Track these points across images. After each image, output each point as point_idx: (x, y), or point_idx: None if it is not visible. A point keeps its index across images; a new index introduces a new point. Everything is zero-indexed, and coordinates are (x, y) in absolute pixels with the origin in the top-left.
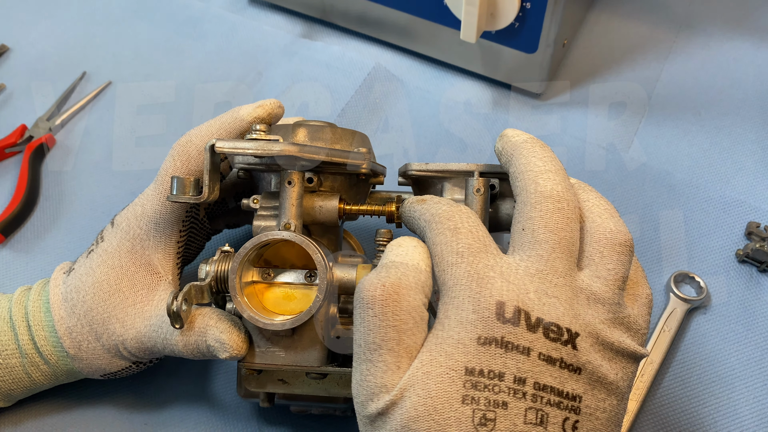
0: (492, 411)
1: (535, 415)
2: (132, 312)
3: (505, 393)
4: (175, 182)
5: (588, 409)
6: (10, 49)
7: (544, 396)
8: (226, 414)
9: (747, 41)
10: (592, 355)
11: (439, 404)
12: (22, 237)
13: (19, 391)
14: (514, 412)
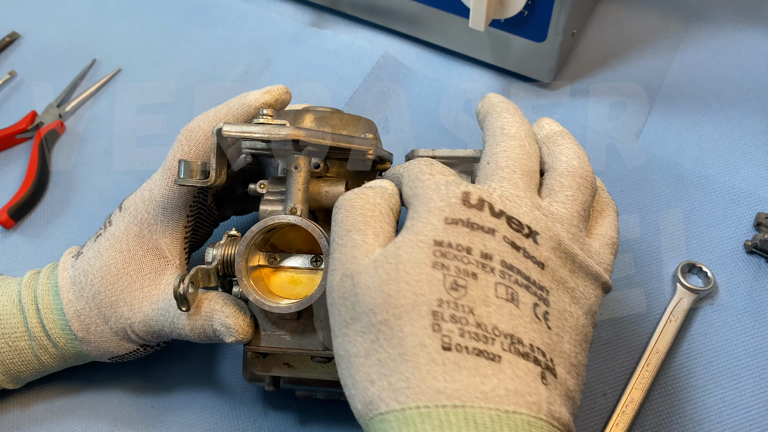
0: (463, 279)
1: (505, 291)
2: (139, 295)
3: (473, 265)
4: (182, 166)
5: (556, 306)
6: (21, 36)
7: (511, 275)
8: (232, 398)
9: (758, 31)
10: (552, 256)
11: (410, 268)
12: (31, 222)
13: (28, 373)
14: (484, 284)
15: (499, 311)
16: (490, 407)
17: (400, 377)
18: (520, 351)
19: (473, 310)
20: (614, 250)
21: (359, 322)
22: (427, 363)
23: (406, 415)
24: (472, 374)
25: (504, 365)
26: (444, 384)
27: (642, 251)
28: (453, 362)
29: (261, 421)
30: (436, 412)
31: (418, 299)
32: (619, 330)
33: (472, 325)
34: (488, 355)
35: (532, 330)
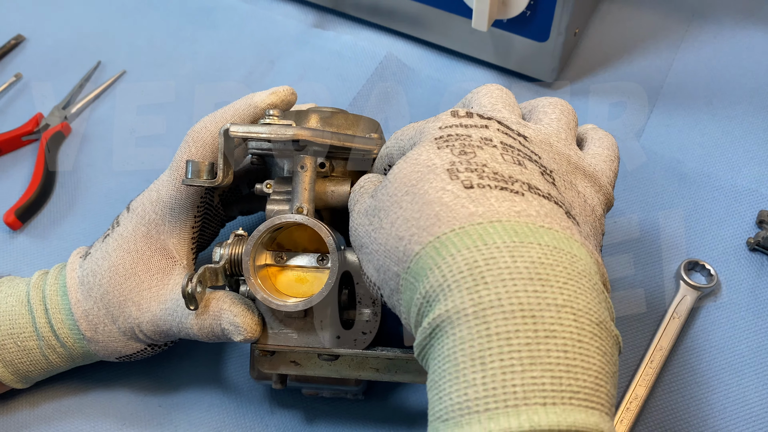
0: (469, 149)
1: (511, 158)
2: (147, 296)
3: (476, 142)
4: (190, 166)
5: (561, 180)
6: (27, 39)
7: (513, 150)
8: (239, 396)
9: (759, 30)
10: (545, 154)
11: (417, 155)
12: (38, 223)
13: (37, 373)
14: (490, 151)
15: (511, 168)
16: (527, 222)
17: (428, 217)
18: (541, 193)
19: (486, 165)
20: (613, 167)
21: (381, 213)
22: (453, 199)
23: (442, 240)
24: (500, 200)
25: (528, 198)
26: (475, 208)
27: (645, 249)
28: (479, 194)
29: (268, 419)
30: (473, 230)
31: (430, 168)
32: (623, 327)
33: (489, 172)
34: (512, 191)
35: (545, 184)
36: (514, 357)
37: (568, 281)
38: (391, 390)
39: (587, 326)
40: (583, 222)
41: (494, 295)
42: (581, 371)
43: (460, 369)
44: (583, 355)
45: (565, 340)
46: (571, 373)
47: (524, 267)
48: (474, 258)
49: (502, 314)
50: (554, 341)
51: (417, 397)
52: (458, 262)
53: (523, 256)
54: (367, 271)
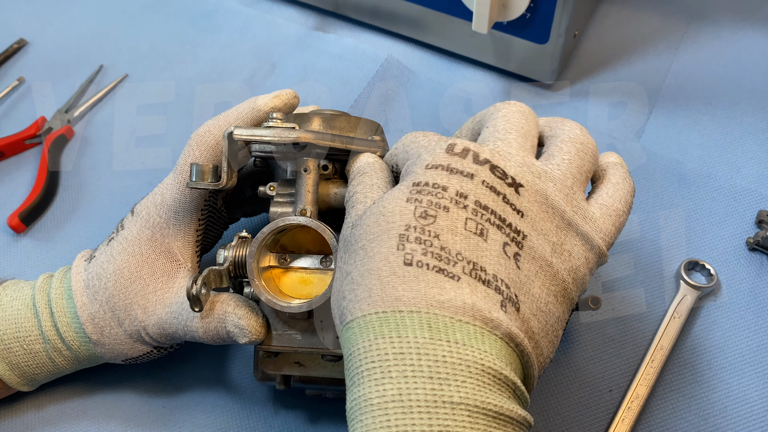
0: (433, 210)
1: (474, 226)
2: (153, 299)
3: (446, 200)
4: (194, 169)
5: (531, 251)
6: (29, 43)
7: (484, 214)
8: (243, 397)
9: (758, 31)
10: (535, 208)
11: (387, 203)
12: (42, 226)
13: (43, 375)
14: (455, 216)
15: (465, 241)
16: (445, 315)
17: (365, 289)
18: (482, 277)
19: (439, 236)
20: (617, 223)
21: (347, 254)
22: (388, 275)
23: (366, 320)
24: (430, 286)
25: (463, 284)
26: (402, 293)
27: (645, 249)
28: (413, 275)
29: (272, 420)
30: (393, 317)
31: (389, 225)
32: (623, 327)
33: (435, 248)
34: (448, 273)
35: (497, 263)
36: None
37: (467, 379)
38: None
39: (481, 421)
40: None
41: (396, 390)
42: None
43: None
44: None
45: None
46: None
47: (427, 366)
48: (386, 350)
49: (401, 409)
50: None
51: None
52: (372, 350)
53: (428, 354)
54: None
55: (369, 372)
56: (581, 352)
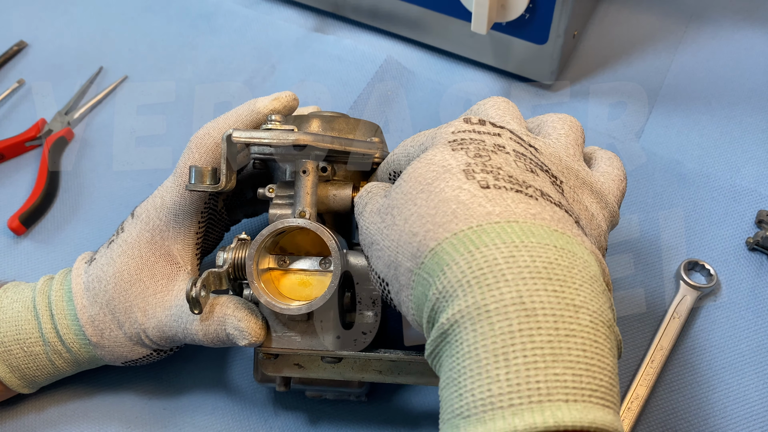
0: (484, 152)
1: (524, 165)
2: (153, 301)
3: (490, 148)
4: (193, 171)
5: (572, 194)
6: (29, 45)
7: (525, 158)
8: (243, 399)
9: (757, 31)
10: (555, 167)
11: (433, 156)
12: (42, 228)
13: (43, 378)
14: (504, 157)
15: (524, 174)
16: (542, 224)
17: (445, 214)
18: (553, 201)
19: (501, 168)
20: (621, 187)
21: (394, 210)
22: (469, 198)
23: (460, 237)
24: (517, 202)
25: (542, 203)
26: (492, 208)
27: (644, 250)
28: (495, 194)
29: (272, 422)
30: (491, 228)
31: (447, 167)
32: (623, 327)
33: (504, 175)
34: (527, 194)
35: (556, 193)
36: (537, 354)
37: (583, 284)
38: (394, 392)
39: (601, 328)
40: (589, 234)
41: (515, 293)
42: (598, 371)
43: (483, 365)
44: (600, 355)
45: (584, 340)
46: (590, 371)
47: (543, 267)
48: (494, 255)
49: (524, 312)
50: (574, 340)
51: (419, 399)
52: (477, 259)
53: (542, 257)
54: (376, 267)
55: (478, 279)
56: None
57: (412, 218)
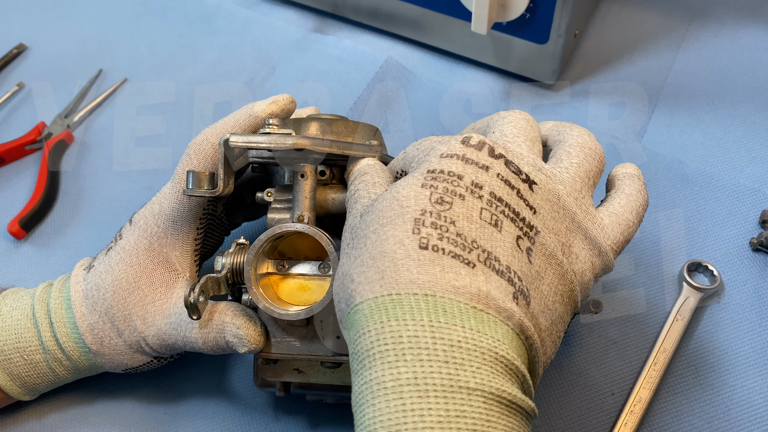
0: (449, 197)
1: (489, 216)
2: (152, 309)
3: (462, 189)
4: (190, 176)
5: (542, 247)
6: (29, 48)
7: (499, 206)
8: (244, 404)
9: (761, 29)
10: (547, 207)
11: (401, 189)
12: (42, 232)
13: (44, 385)
14: (470, 204)
15: (480, 230)
16: (460, 300)
17: (377, 271)
18: (496, 267)
19: (455, 222)
20: (626, 233)
21: (356, 239)
22: (403, 258)
23: (378, 302)
24: (446, 271)
25: (478, 272)
26: (417, 275)
27: (647, 250)
28: (428, 259)
29: (272, 426)
30: (407, 299)
31: (404, 210)
32: (626, 329)
33: (451, 233)
34: (464, 260)
35: (511, 255)
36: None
37: (482, 366)
38: None
39: (495, 407)
40: (545, 296)
41: (411, 374)
42: None
43: None
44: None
45: (474, 420)
46: None
47: (442, 350)
48: (400, 332)
49: (417, 392)
50: (464, 420)
51: None
52: (385, 332)
53: (444, 339)
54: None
55: (382, 354)
56: (583, 355)
57: (357, 261)
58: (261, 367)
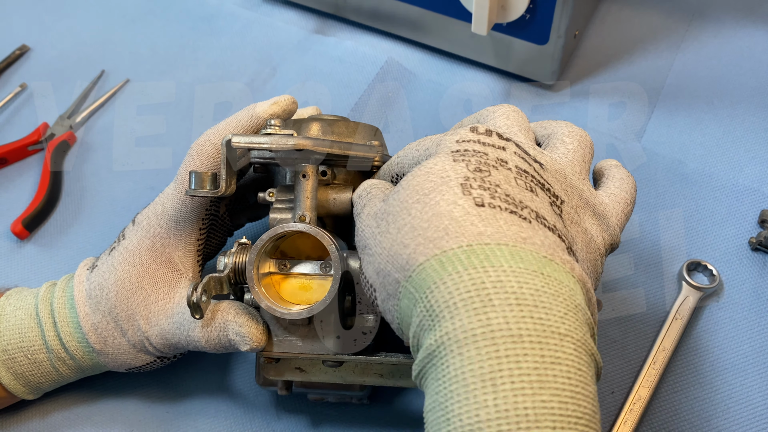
0: (484, 167)
1: (524, 184)
2: (155, 309)
3: (492, 161)
4: (193, 177)
5: (570, 216)
6: (31, 49)
7: (527, 176)
8: (246, 402)
9: (760, 29)
10: (558, 185)
11: (434, 165)
12: (45, 232)
13: (47, 384)
14: (504, 173)
15: (522, 193)
16: (531, 249)
17: (437, 229)
18: (547, 225)
19: (499, 186)
20: (626, 210)
21: (390, 217)
22: (463, 215)
23: (449, 255)
24: (509, 224)
25: (535, 227)
26: (483, 228)
27: (647, 250)
28: (489, 214)
29: (274, 425)
30: (480, 249)
31: (445, 179)
32: (625, 328)
33: (501, 193)
34: (521, 216)
35: (552, 216)
36: (525, 380)
37: (567, 312)
38: (396, 394)
39: (584, 356)
40: (583, 259)
41: (502, 319)
42: (583, 398)
43: (470, 390)
44: (583, 383)
45: (569, 367)
46: (575, 399)
47: (529, 294)
48: (481, 279)
49: (511, 338)
50: (559, 367)
51: (421, 402)
52: (465, 280)
53: (528, 284)
54: (367, 272)
55: (465, 302)
56: None
57: (405, 228)
58: (263, 366)
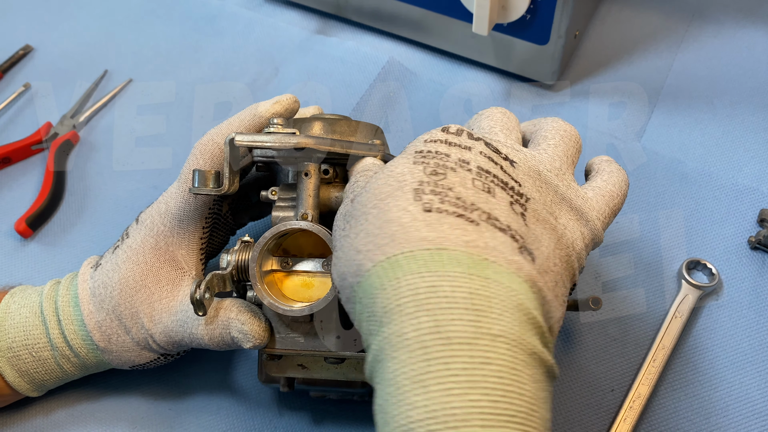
0: (442, 170)
1: (482, 185)
2: (158, 307)
3: (451, 163)
4: (196, 175)
5: (535, 212)
6: (35, 49)
7: (488, 176)
8: (248, 399)
9: (759, 29)
10: (530, 181)
11: (394, 167)
12: (49, 231)
13: (51, 381)
14: (462, 175)
15: (477, 195)
16: (472, 252)
17: (384, 236)
18: (498, 226)
19: (452, 189)
20: (611, 204)
21: (353, 219)
22: (410, 221)
23: (392, 261)
24: (454, 228)
25: (482, 229)
26: (427, 233)
27: (646, 249)
28: (435, 219)
29: (276, 422)
30: (420, 255)
31: (401, 183)
32: (625, 327)
33: (451, 197)
34: (468, 219)
35: (508, 216)
36: (453, 381)
37: (503, 313)
38: None
39: (520, 355)
40: (547, 257)
41: (433, 322)
42: (516, 397)
43: (402, 392)
44: (518, 382)
45: (500, 367)
46: (507, 398)
47: (462, 297)
48: (417, 284)
49: (440, 340)
50: (490, 368)
51: None
52: (402, 286)
53: (462, 287)
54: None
55: (400, 308)
56: (583, 352)
57: (360, 235)
58: (265, 363)
